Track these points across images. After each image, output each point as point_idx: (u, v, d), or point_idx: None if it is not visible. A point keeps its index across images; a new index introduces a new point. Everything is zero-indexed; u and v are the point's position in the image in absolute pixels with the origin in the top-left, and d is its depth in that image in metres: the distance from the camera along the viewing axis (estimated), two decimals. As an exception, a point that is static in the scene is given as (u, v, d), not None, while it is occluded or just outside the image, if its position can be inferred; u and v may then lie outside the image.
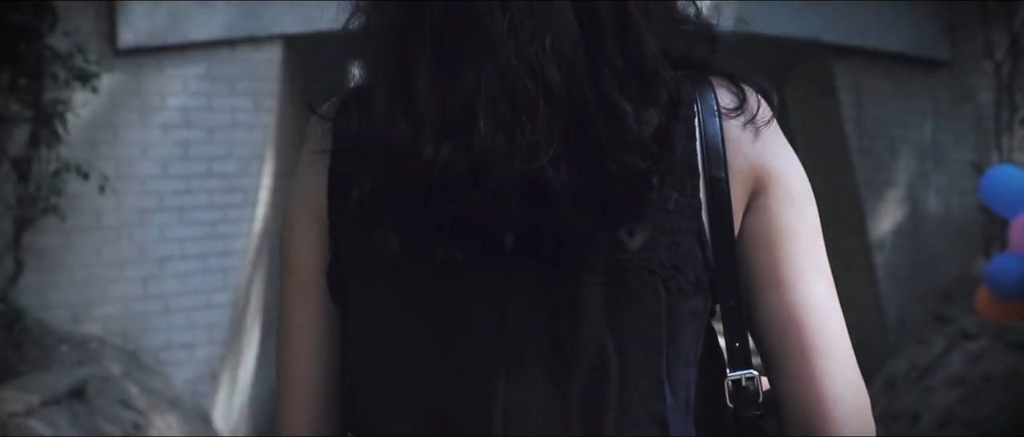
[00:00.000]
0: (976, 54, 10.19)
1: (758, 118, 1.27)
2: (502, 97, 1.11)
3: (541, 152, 1.11)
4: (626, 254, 1.16)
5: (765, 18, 9.71)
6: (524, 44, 1.12)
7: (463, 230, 1.14)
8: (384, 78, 1.19)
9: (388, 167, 1.15)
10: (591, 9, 1.16)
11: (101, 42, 8.17)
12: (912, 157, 10.16)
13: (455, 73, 1.13)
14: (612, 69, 1.16)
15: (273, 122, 8.79)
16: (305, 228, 1.27)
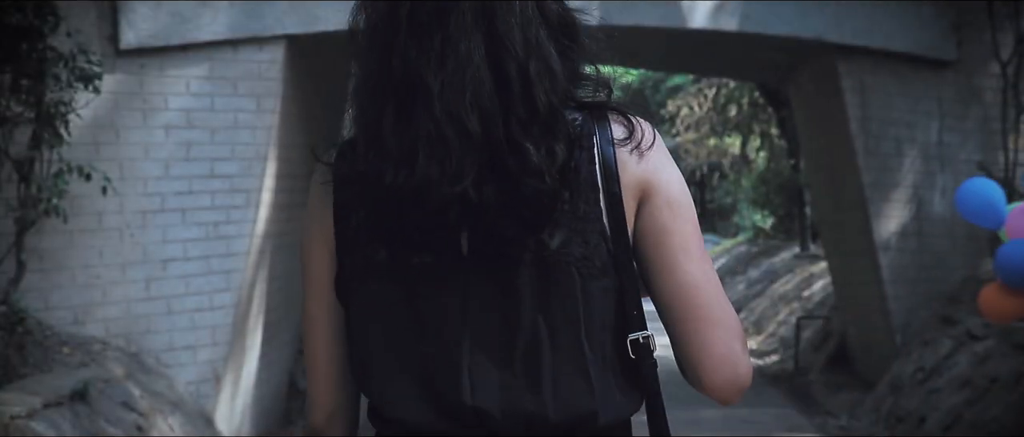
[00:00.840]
0: (982, 54, 10.15)
1: (643, 144, 1.66)
2: (436, 138, 1.55)
3: (463, 178, 1.54)
4: (548, 251, 1.59)
5: (770, 18, 9.68)
6: (451, 99, 1.55)
7: (429, 240, 1.59)
8: (361, 123, 1.62)
9: (365, 192, 1.59)
10: (503, 73, 1.57)
11: (103, 43, 8.15)
12: (918, 157, 10.12)
13: (407, 119, 1.57)
14: (518, 117, 1.57)
15: (275, 123, 8.77)
16: (318, 249, 1.71)
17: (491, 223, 1.57)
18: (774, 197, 23.54)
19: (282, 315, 9.90)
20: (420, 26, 1.60)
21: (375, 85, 1.61)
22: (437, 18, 1.59)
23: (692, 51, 11.30)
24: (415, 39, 1.59)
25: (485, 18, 1.60)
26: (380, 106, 1.59)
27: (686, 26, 9.55)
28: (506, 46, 1.59)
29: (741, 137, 26.26)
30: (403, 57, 1.59)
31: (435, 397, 1.61)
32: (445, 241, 1.59)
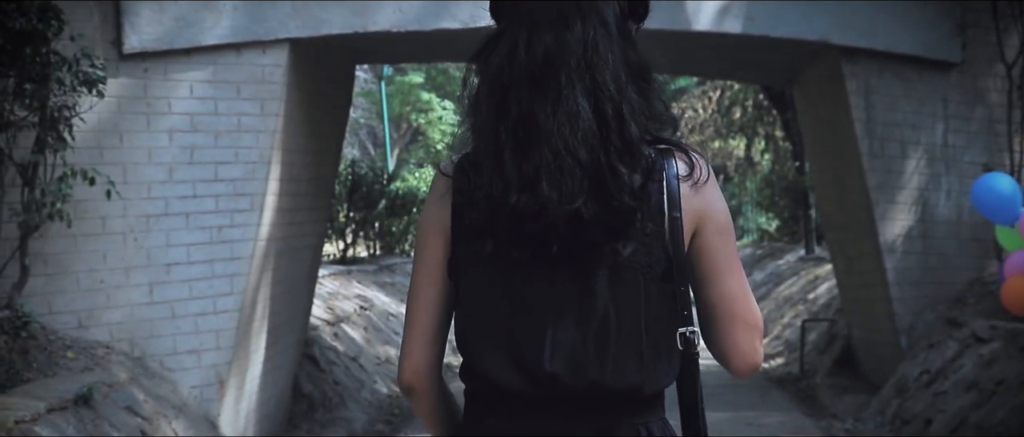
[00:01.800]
0: (987, 55, 10.12)
1: (700, 180, 2.08)
2: (554, 167, 1.96)
3: (576, 199, 1.97)
4: (621, 257, 2.01)
5: (774, 20, 9.66)
6: (565, 135, 1.97)
7: (528, 241, 1.99)
8: (486, 155, 2.01)
9: (489, 207, 2.00)
10: (602, 113, 1.99)
11: (106, 47, 8.15)
12: (923, 159, 10.09)
13: (527, 153, 1.98)
14: (615, 148, 1.99)
15: (279, 126, 8.76)
16: (434, 238, 2.11)
17: (583, 231, 1.98)
18: (779, 199, 23.51)
19: (286, 319, 9.89)
20: (534, 78, 2.01)
21: (494, 124, 2.01)
22: (549, 72, 2.00)
23: (696, 53, 11.28)
24: (530, 89, 2.00)
25: (587, 70, 2.01)
26: (500, 142, 2.00)
27: (691, 28, 9.53)
28: (604, 91, 2.01)
29: (746, 139, 26.23)
30: (519, 103, 2.00)
31: (520, 362, 2.02)
32: (541, 242, 1.99)
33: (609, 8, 2.07)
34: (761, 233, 27.18)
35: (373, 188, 19.62)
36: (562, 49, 2.01)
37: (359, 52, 10.94)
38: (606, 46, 2.03)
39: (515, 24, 2.07)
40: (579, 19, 2.03)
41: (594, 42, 2.02)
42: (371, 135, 38.79)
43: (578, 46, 2.02)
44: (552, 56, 2.01)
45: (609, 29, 2.05)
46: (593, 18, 2.04)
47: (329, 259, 17.87)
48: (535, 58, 2.01)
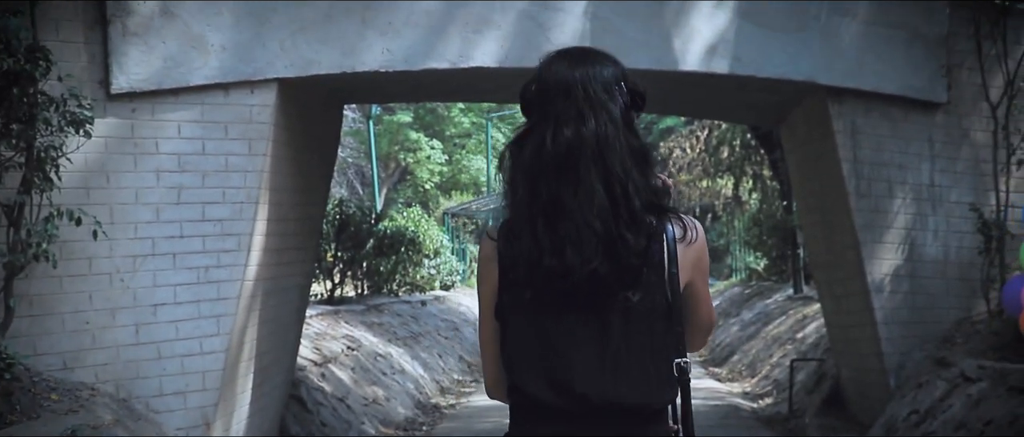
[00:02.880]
0: (972, 96, 10.17)
1: (692, 241, 2.66)
2: (576, 238, 2.53)
3: (594, 261, 2.53)
4: (631, 303, 2.58)
5: (761, 60, 9.71)
6: (584, 212, 2.53)
7: (559, 293, 2.57)
8: (523, 227, 2.59)
9: (528, 267, 2.58)
10: (612, 193, 2.54)
11: (94, 87, 8.15)
12: (910, 199, 10.12)
13: (555, 226, 2.55)
14: (623, 220, 2.55)
15: (267, 166, 8.76)
16: (487, 288, 2.70)
17: (600, 284, 2.55)
18: (767, 239, 23.55)
19: (273, 360, 9.85)
20: (559, 166, 2.56)
21: (529, 204, 2.59)
22: (571, 161, 2.57)
23: (684, 93, 11.32)
24: (556, 175, 2.57)
25: (600, 157, 2.56)
26: (534, 217, 2.58)
27: (678, 68, 9.57)
28: (613, 174, 2.55)
29: (734, 179, 26.30)
30: (548, 186, 2.57)
31: (554, 384, 2.57)
32: (568, 293, 2.56)
33: (616, 105, 2.62)
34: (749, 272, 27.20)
35: (361, 227, 19.60)
36: (580, 142, 2.57)
37: (347, 92, 10.95)
38: (614, 137, 2.58)
39: (542, 121, 2.63)
40: (593, 117, 2.58)
41: (605, 135, 2.58)
42: (359, 174, 38.81)
43: (592, 139, 2.57)
44: (573, 148, 2.57)
45: (616, 123, 2.60)
46: (603, 115, 2.59)
47: (317, 299, 17.81)
48: (560, 150, 2.57)
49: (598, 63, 2.66)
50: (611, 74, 2.65)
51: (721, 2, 9.65)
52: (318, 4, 8.78)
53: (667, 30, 9.51)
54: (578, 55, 2.69)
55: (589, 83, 2.62)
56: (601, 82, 2.63)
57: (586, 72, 2.63)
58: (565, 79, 2.63)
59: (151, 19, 8.35)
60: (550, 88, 2.64)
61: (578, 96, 2.60)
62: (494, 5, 9.13)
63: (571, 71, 2.64)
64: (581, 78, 2.62)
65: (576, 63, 2.66)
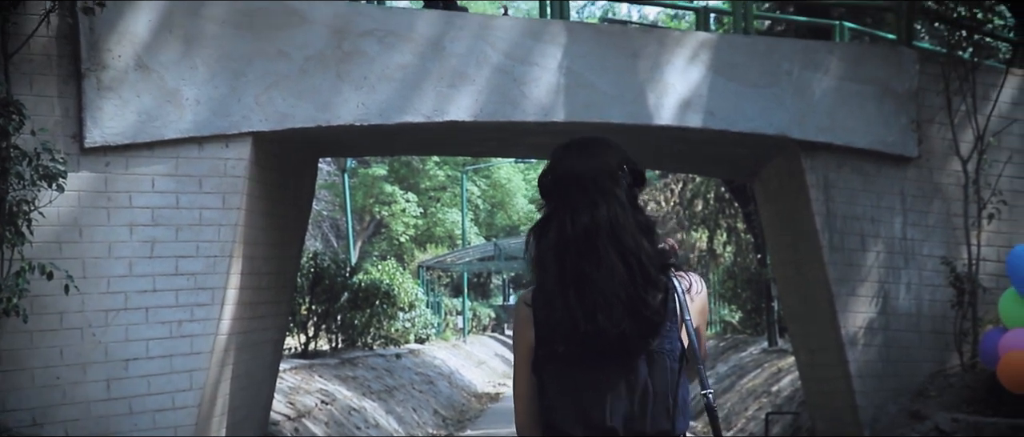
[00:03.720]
0: (943, 151, 10.27)
1: (697, 293, 3.14)
2: (604, 303, 2.95)
3: (622, 322, 2.96)
4: (653, 349, 3.00)
5: (734, 115, 9.78)
6: (608, 283, 2.97)
7: (592, 349, 2.97)
8: (556, 297, 3.01)
9: (563, 331, 3.00)
10: (628, 264, 2.98)
11: (67, 141, 8.13)
12: (883, 253, 10.18)
13: (584, 296, 2.97)
14: (641, 285, 2.99)
15: (241, 220, 8.74)
16: (524, 346, 3.10)
17: (626, 338, 2.98)
18: (742, 292, 23.58)
19: (246, 414, 9.77)
20: (580, 247, 3.00)
21: (559, 278, 3.01)
22: (589, 241, 3.00)
23: (659, 147, 11.38)
24: (578, 253, 3.00)
25: (615, 236, 3.00)
26: (565, 288, 3.00)
27: (652, 123, 9.63)
28: (628, 249, 3.00)
29: (708, 232, 26.37)
30: (573, 263, 3.00)
31: (588, 422, 3.00)
32: (601, 349, 2.98)
33: (622, 188, 3.06)
34: (724, 325, 27.21)
35: (336, 281, 19.53)
36: (596, 225, 3.00)
37: (323, 145, 10.96)
38: (624, 218, 3.03)
39: (561, 208, 3.06)
40: (604, 204, 3.02)
41: (615, 217, 3.02)
42: (334, 227, 38.73)
43: (606, 221, 3.01)
44: (590, 230, 3.00)
45: (624, 205, 3.04)
46: (613, 200, 3.03)
47: (290, 352, 17.70)
48: (578, 232, 3.01)
49: (603, 154, 3.11)
50: (615, 162, 3.09)
51: (694, 58, 9.74)
52: (293, 58, 8.81)
53: (641, 85, 9.59)
54: (585, 148, 3.13)
55: (598, 174, 3.06)
56: (607, 172, 3.07)
57: (594, 164, 3.08)
58: (577, 172, 3.07)
59: (126, 73, 8.35)
60: (564, 180, 3.08)
61: (589, 187, 3.04)
62: (469, 60, 9.18)
63: (581, 164, 3.08)
64: (590, 170, 3.07)
65: (585, 156, 3.10)
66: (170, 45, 8.50)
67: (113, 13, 8.23)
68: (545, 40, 9.42)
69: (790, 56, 9.99)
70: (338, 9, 9.07)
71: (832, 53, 10.16)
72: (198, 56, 8.58)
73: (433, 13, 9.53)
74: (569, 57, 9.42)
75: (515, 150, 13.61)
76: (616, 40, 9.73)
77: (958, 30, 10.60)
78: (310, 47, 8.86)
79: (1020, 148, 10.49)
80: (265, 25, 8.78)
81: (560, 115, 9.40)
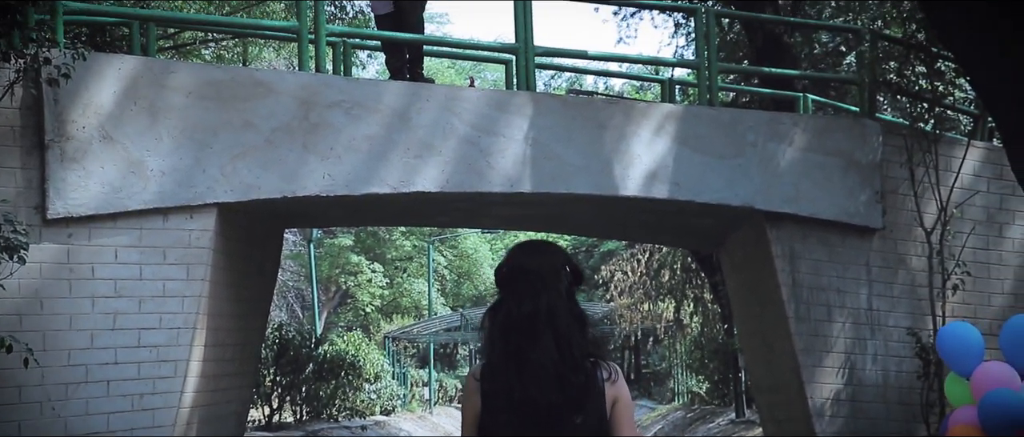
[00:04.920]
0: (907, 222, 10.34)
1: (615, 380, 3.64)
2: (537, 377, 3.55)
3: (552, 395, 3.55)
4: (575, 425, 3.56)
5: (700, 186, 9.82)
6: (542, 361, 3.55)
7: (526, 416, 3.56)
8: (500, 371, 3.59)
9: (504, 398, 3.59)
10: (561, 347, 3.55)
11: (30, 213, 8.06)
12: (849, 323, 10.19)
13: (522, 369, 3.57)
14: (568, 366, 3.57)
15: (206, 291, 8.66)
16: (470, 413, 3.64)
17: (555, 409, 3.52)
18: (709, 362, 23.57)
19: (208, 489, 9.61)
20: (523, 329, 3.57)
21: (503, 354, 3.58)
22: (530, 324, 3.57)
23: (625, 218, 11.41)
24: (520, 334, 3.57)
25: (552, 322, 3.57)
26: (507, 363, 3.56)
27: (619, 194, 9.65)
28: (561, 334, 3.56)
29: (675, 302, 26.40)
30: (517, 343, 3.56)
31: None
32: (534, 416, 3.52)
33: (562, 284, 3.64)
34: (692, 396, 27.15)
35: (301, 352, 19.38)
36: (537, 311, 3.58)
37: (288, 216, 10.92)
38: (560, 307, 3.60)
39: (510, 296, 3.63)
40: (545, 293, 3.60)
41: (554, 305, 3.60)
42: (299, 298, 38.48)
43: (545, 308, 3.58)
44: (531, 316, 3.57)
45: (562, 297, 3.62)
46: (553, 291, 3.61)
47: (254, 425, 17.50)
48: (522, 316, 3.58)
49: (549, 254, 3.73)
50: (558, 262, 3.69)
51: (660, 129, 9.79)
52: (260, 129, 8.79)
53: (607, 156, 9.62)
54: (535, 249, 3.77)
55: (543, 271, 3.65)
56: (551, 269, 3.66)
57: (540, 262, 3.68)
58: (526, 267, 3.68)
59: (90, 144, 8.31)
60: (515, 273, 3.68)
61: (535, 281, 3.62)
62: (435, 131, 9.20)
63: (530, 261, 3.69)
64: (537, 267, 3.66)
65: (534, 255, 3.72)
66: (135, 116, 8.47)
67: (78, 84, 8.20)
68: (511, 111, 9.45)
69: (755, 128, 10.06)
70: (305, 80, 9.07)
71: (796, 125, 10.25)
72: (163, 127, 8.54)
73: (400, 85, 9.56)
74: (535, 128, 9.45)
75: (482, 221, 13.62)
76: (582, 111, 9.77)
77: (920, 102, 10.73)
78: (277, 118, 8.85)
79: (983, 219, 10.58)
80: (232, 96, 8.77)
81: (526, 186, 9.40)
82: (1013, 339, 7.80)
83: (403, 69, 10.39)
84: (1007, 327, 7.92)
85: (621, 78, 24.93)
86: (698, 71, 10.83)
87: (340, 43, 11.34)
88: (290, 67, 20.87)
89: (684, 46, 20.10)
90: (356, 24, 17.45)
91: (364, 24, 17.23)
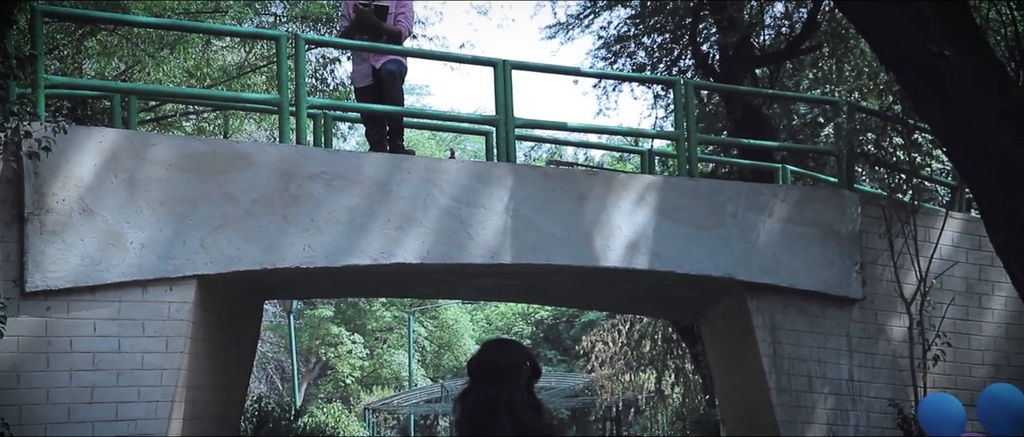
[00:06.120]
0: (887, 292, 10.37)
1: None
2: None
3: None
4: None
5: (680, 257, 9.85)
6: (500, 430, 4.16)
7: None
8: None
9: None
10: (516, 426, 4.13)
11: (8, 286, 8.01)
12: (830, 394, 10.18)
13: None
14: None
15: (184, 364, 8.59)
16: None
17: None
18: (690, 433, 23.44)
19: None
20: (485, 413, 4.12)
21: (467, 433, 4.10)
22: (491, 410, 4.10)
23: (605, 288, 11.41)
24: (483, 417, 4.10)
25: (510, 407, 4.11)
26: None
27: (599, 264, 9.66)
28: (518, 418, 4.10)
29: (656, 373, 26.30)
30: (480, 425, 4.10)
31: None
32: None
33: (521, 377, 4.22)
34: (673, 467, 26.97)
35: (280, 424, 19.19)
36: (498, 399, 4.13)
37: (268, 287, 10.88)
38: (518, 398, 4.15)
39: (477, 385, 4.19)
40: (507, 384, 4.17)
41: (513, 396, 4.15)
42: (279, 369, 38.22)
43: (506, 397, 4.14)
44: (493, 402, 4.12)
45: (521, 389, 4.19)
46: (513, 384, 4.18)
47: (233, 499, 17.27)
48: (487, 403, 4.13)
49: (513, 352, 4.37)
50: (520, 360, 4.30)
51: (640, 200, 9.83)
52: (240, 201, 8.78)
53: (587, 227, 9.65)
54: (501, 346, 4.46)
55: (506, 365, 4.26)
56: (513, 364, 4.27)
57: (504, 358, 4.29)
58: (492, 362, 4.29)
59: (70, 217, 8.28)
60: (483, 365, 4.27)
61: (499, 372, 4.22)
62: (416, 202, 9.21)
63: (496, 357, 4.31)
64: (500, 362, 4.28)
65: (499, 352, 4.35)
66: (115, 188, 8.46)
67: (58, 157, 8.19)
68: (492, 183, 9.48)
69: (734, 198, 10.11)
70: (285, 152, 9.09)
71: (776, 196, 10.31)
72: (143, 199, 8.53)
73: (380, 156, 9.58)
74: (516, 199, 9.47)
75: (462, 292, 13.60)
76: (562, 183, 9.81)
77: (897, 174, 10.81)
78: (257, 190, 8.85)
79: (963, 290, 10.62)
80: (212, 168, 8.77)
81: (507, 257, 9.41)
82: (990, 409, 7.80)
83: (383, 141, 10.42)
84: (984, 396, 7.92)
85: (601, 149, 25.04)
86: (678, 142, 10.91)
87: (321, 115, 11.38)
88: (271, 139, 20.92)
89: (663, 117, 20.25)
90: (337, 96, 17.51)
91: (345, 96, 17.30)
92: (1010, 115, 7.61)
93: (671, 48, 17.64)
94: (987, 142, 7.63)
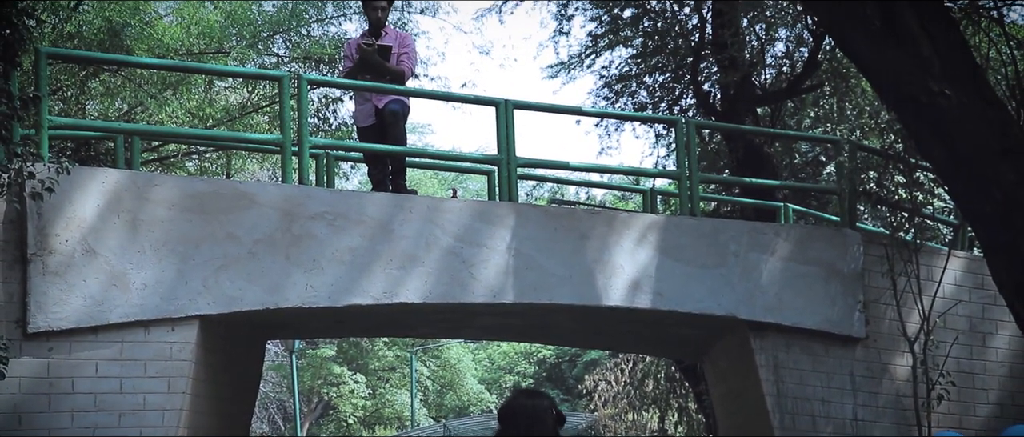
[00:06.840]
0: (890, 330, 10.34)
1: None
2: None
3: None
4: None
5: (682, 296, 9.84)
6: None
7: None
8: None
9: None
10: None
11: (10, 327, 8.01)
12: (834, 434, 10.13)
13: None
14: None
15: (186, 404, 8.57)
16: None
17: None
18: (694, 473, 23.32)
19: None
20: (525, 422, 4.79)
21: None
22: (535, 418, 4.78)
23: (608, 327, 11.38)
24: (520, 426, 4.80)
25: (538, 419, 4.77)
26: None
27: (601, 304, 9.65)
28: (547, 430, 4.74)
29: (659, 412, 26.20)
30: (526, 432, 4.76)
31: None
32: None
33: (549, 422, 4.75)
34: (677, 507, 26.81)
35: (282, 465, 19.12)
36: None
37: (270, 328, 10.87)
38: None
39: (509, 425, 4.77)
40: (536, 425, 4.71)
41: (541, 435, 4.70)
42: (281, 409, 38.10)
43: None
44: None
45: (549, 430, 4.74)
46: (541, 424, 4.72)
47: None
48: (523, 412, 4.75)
49: (541, 399, 4.87)
50: (547, 406, 4.82)
51: (642, 239, 9.83)
52: (242, 241, 8.79)
53: (589, 266, 9.65)
54: (531, 393, 4.98)
55: (534, 411, 4.79)
56: (542, 410, 4.79)
57: (534, 404, 4.83)
58: (523, 407, 4.83)
59: (72, 257, 8.29)
60: (515, 411, 4.81)
61: (528, 415, 4.76)
62: (419, 242, 9.21)
63: (526, 401, 4.86)
64: (530, 408, 4.81)
65: (530, 398, 4.90)
66: (118, 229, 8.47)
67: (61, 198, 8.21)
68: (494, 222, 9.49)
69: (737, 237, 10.11)
70: (288, 192, 9.11)
71: (778, 234, 10.31)
72: (146, 239, 8.54)
73: (383, 196, 9.60)
74: (518, 239, 9.48)
75: (465, 331, 13.56)
76: (564, 222, 9.82)
77: (899, 212, 10.81)
78: (260, 230, 8.86)
79: (966, 329, 10.59)
80: (215, 208, 8.79)
81: (509, 296, 9.40)
82: None
83: (386, 180, 10.44)
84: None
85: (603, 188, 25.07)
86: (680, 181, 10.92)
87: (323, 155, 11.41)
88: (273, 179, 20.95)
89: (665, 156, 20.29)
90: (339, 136, 17.57)
91: (347, 136, 17.35)
92: (1011, 154, 7.63)
93: (672, 87, 17.68)
94: (989, 181, 7.64)
